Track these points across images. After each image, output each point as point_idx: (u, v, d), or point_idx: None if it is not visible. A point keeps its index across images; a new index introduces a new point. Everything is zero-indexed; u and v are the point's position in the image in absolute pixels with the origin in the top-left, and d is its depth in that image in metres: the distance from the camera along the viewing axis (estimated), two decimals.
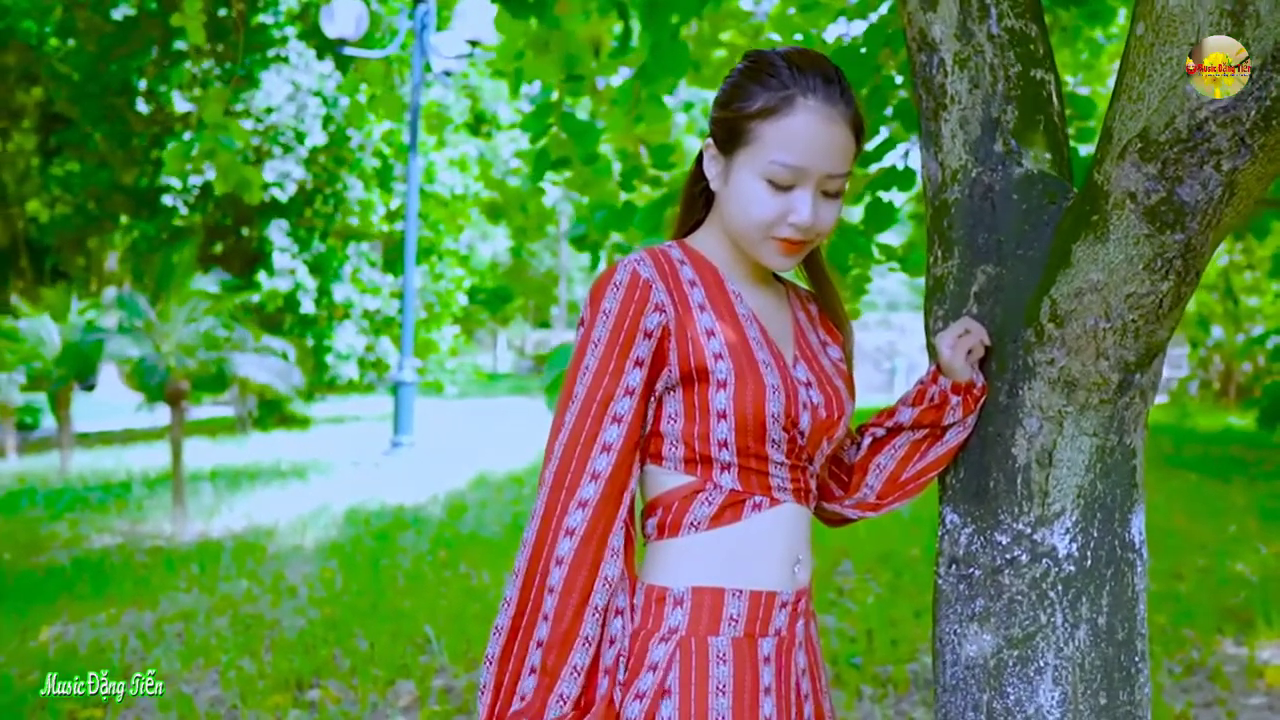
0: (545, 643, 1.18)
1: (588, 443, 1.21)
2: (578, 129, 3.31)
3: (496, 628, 1.22)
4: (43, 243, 17.61)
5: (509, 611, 1.21)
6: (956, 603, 1.39)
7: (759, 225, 1.24)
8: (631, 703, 1.20)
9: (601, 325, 1.22)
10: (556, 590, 1.18)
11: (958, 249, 1.48)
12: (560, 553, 1.19)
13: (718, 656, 1.21)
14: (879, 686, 3.68)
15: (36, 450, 12.54)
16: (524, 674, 1.19)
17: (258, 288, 13.16)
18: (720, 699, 1.20)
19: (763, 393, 1.21)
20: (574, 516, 1.19)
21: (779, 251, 1.26)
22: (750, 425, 1.21)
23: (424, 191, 14.44)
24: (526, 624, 1.20)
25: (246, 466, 10.06)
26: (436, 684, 3.80)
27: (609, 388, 1.21)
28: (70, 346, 9.41)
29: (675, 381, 1.23)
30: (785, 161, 1.21)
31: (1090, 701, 1.31)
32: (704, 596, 1.22)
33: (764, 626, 1.24)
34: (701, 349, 1.22)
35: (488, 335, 37.81)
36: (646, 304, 1.21)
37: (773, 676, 1.24)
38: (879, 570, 5.39)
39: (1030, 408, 1.34)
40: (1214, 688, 3.65)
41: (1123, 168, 1.24)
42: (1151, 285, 1.26)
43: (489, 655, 1.22)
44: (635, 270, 1.23)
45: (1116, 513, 1.35)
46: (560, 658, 1.17)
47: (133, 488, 8.79)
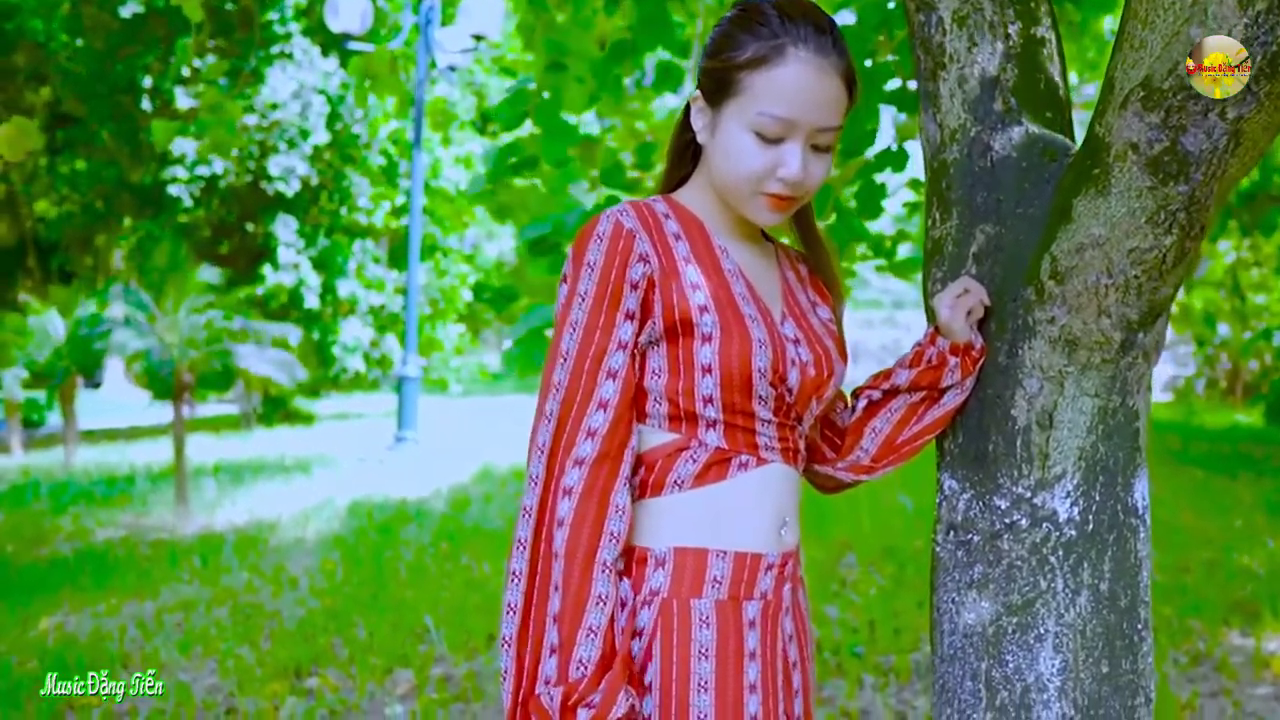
0: (559, 614, 1.12)
1: (583, 401, 1.16)
2: (555, 125, 3.07)
3: (509, 605, 1.16)
4: (50, 241, 17.64)
5: (519, 586, 1.15)
6: (954, 570, 1.35)
7: (747, 179, 1.20)
8: None
9: (587, 279, 1.18)
10: (561, 554, 1.13)
11: (956, 209, 1.45)
12: (560, 514, 1.14)
13: (700, 619, 1.17)
14: (881, 676, 3.65)
15: (42, 446, 12.56)
16: (544, 656, 1.13)
17: (262, 281, 13.18)
18: (703, 663, 1.16)
19: (749, 347, 1.18)
20: (571, 476, 1.15)
21: (767, 207, 1.22)
22: (736, 380, 1.17)
23: (429, 188, 14.44)
24: (539, 598, 1.14)
25: (250, 461, 10.05)
26: (435, 673, 3.78)
27: (601, 342, 1.17)
28: (75, 339, 9.42)
29: (659, 335, 1.19)
30: (774, 113, 1.17)
31: (1092, 670, 1.27)
32: (686, 557, 1.18)
33: (749, 589, 1.20)
34: (686, 301, 1.18)
35: (493, 335, 37.79)
36: (631, 254, 1.17)
37: (757, 641, 1.20)
38: (882, 563, 5.35)
39: (1030, 368, 1.31)
40: (1220, 678, 3.61)
41: (1125, 118, 1.21)
42: (1155, 239, 1.22)
43: (505, 637, 1.15)
44: (618, 221, 1.19)
45: (1119, 476, 1.31)
46: (574, 623, 1.11)
47: (136, 482, 8.78)
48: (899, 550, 5.57)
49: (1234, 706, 3.32)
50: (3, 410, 11.71)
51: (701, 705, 1.15)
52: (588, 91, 3.18)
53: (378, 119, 13.82)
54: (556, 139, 2.97)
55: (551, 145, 2.98)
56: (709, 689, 1.15)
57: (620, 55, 2.88)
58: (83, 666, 3.82)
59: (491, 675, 3.72)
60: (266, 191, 13.22)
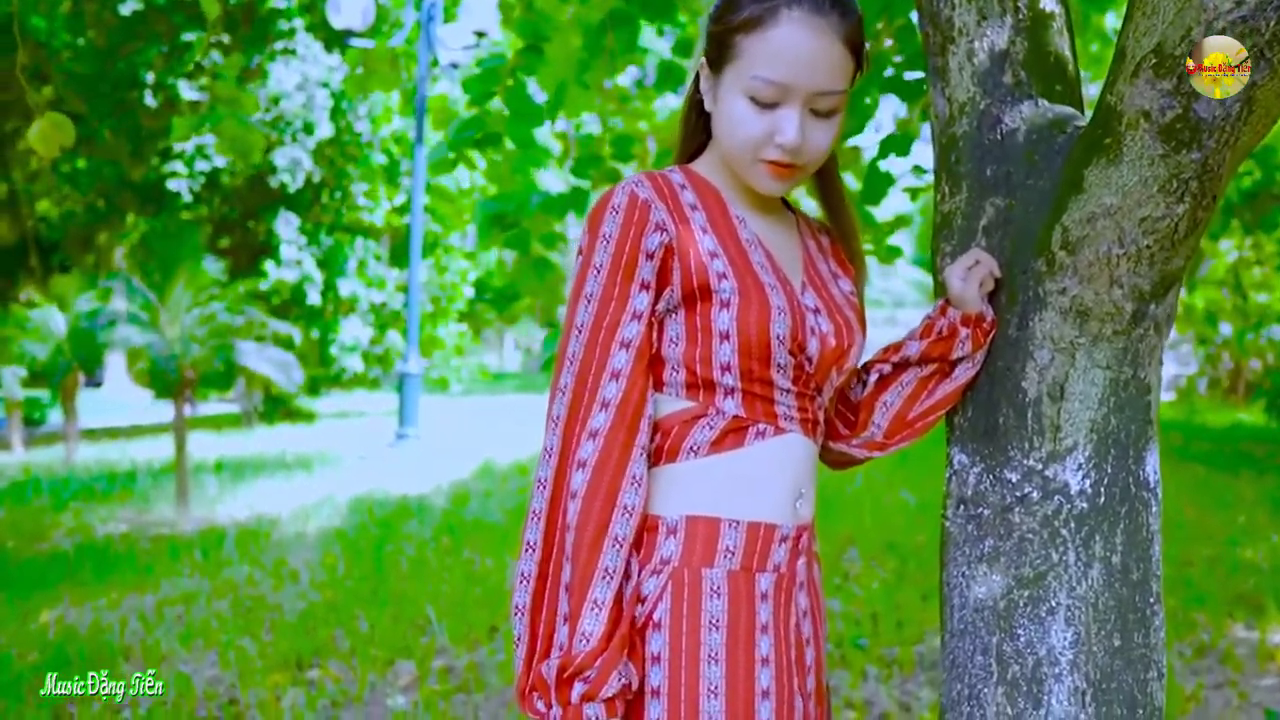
0: (569, 585, 1.12)
1: (597, 372, 1.15)
2: (522, 106, 3.03)
3: (522, 574, 1.16)
4: (52, 240, 17.62)
5: (534, 556, 1.15)
6: (965, 544, 1.34)
7: (745, 146, 1.18)
8: None
9: (602, 250, 1.16)
10: (573, 526, 1.12)
11: (965, 183, 1.43)
12: (574, 487, 1.13)
13: (712, 590, 1.15)
14: (884, 667, 3.63)
15: (43, 444, 12.55)
16: (558, 624, 1.12)
17: (265, 276, 13.17)
18: (714, 634, 1.14)
19: (767, 313, 1.16)
20: (585, 448, 1.14)
21: (768, 174, 1.20)
22: (754, 347, 1.15)
23: (430, 186, 14.43)
24: (554, 568, 1.14)
25: (251, 458, 10.04)
26: (436, 664, 3.76)
27: (615, 314, 1.15)
28: (75, 332, 9.40)
29: (677, 302, 1.17)
30: (766, 76, 1.15)
31: (1104, 643, 1.26)
32: (698, 526, 1.17)
33: (762, 561, 1.18)
34: (704, 267, 1.16)
35: (494, 335, 37.80)
36: (646, 224, 1.16)
37: (770, 614, 1.18)
38: (885, 557, 5.34)
39: (1041, 339, 1.30)
40: (1225, 670, 3.60)
41: (1137, 85, 1.20)
42: (1167, 208, 1.21)
43: (517, 605, 1.15)
44: (633, 191, 1.17)
45: (1131, 449, 1.30)
46: (580, 595, 1.11)
47: (137, 478, 8.77)
48: (901, 545, 5.56)
49: (1240, 698, 3.30)
50: (3, 408, 11.70)
51: (712, 677, 1.13)
52: (563, 74, 3.12)
53: (379, 116, 13.82)
54: (523, 120, 2.94)
55: (517, 125, 2.95)
56: (720, 660, 1.14)
57: (616, 23, 2.83)
58: (84, 657, 3.82)
59: (494, 666, 3.71)
60: (270, 185, 13.21)
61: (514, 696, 1.15)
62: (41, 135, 2.45)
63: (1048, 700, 1.25)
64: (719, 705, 1.12)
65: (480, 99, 3.03)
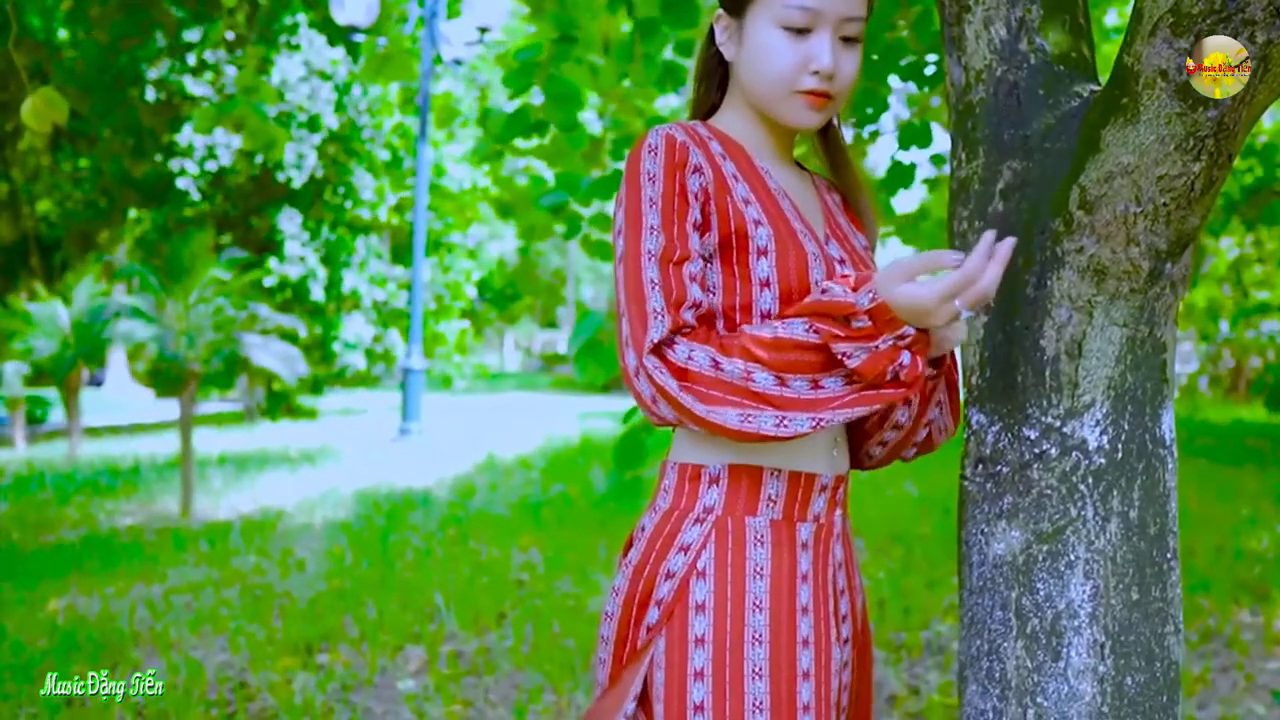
0: (769, 361, 1.11)
1: (676, 304, 1.12)
2: (561, 92, 3.13)
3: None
4: (53, 239, 17.63)
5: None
6: (983, 502, 1.36)
7: (781, 79, 1.20)
8: (662, 583, 1.17)
9: (651, 187, 1.16)
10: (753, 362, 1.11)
11: (982, 148, 1.45)
12: (695, 366, 1.12)
13: (755, 538, 1.17)
14: (893, 652, 3.65)
15: (45, 441, 12.56)
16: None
17: (268, 272, 13.18)
18: (758, 582, 1.15)
19: (805, 260, 1.18)
20: (679, 350, 1.10)
21: (805, 105, 1.21)
22: (795, 294, 1.16)
23: (433, 185, 14.45)
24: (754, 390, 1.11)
25: (254, 453, 10.06)
26: (445, 649, 3.78)
27: (681, 248, 1.14)
28: (79, 325, 9.40)
29: (713, 250, 1.17)
30: (801, 3, 1.18)
31: (1122, 596, 1.28)
32: (741, 475, 1.18)
33: (802, 510, 1.20)
34: (741, 214, 1.18)
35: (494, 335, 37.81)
36: (686, 164, 1.17)
37: (810, 564, 1.19)
38: (890, 547, 5.35)
39: (1059, 298, 1.31)
40: (1232, 653, 3.61)
41: (1154, 45, 1.21)
42: (1183, 166, 1.23)
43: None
44: (669, 134, 1.19)
45: (1147, 406, 1.31)
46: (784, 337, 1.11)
47: (141, 472, 8.79)
48: (906, 535, 5.57)
49: (1246, 680, 3.32)
50: (4, 406, 11.71)
51: (756, 624, 1.15)
52: (591, 68, 3.20)
53: (381, 107, 13.83)
54: (563, 105, 3.00)
55: (558, 110, 3.01)
56: (764, 609, 1.15)
57: (644, 33, 2.91)
58: (94, 642, 3.83)
59: (504, 651, 3.72)
60: (277, 179, 13.23)
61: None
62: (34, 111, 2.44)
63: (1067, 653, 1.27)
64: (763, 653, 1.14)
65: (521, 91, 3.10)
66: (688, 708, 1.14)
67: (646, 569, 1.18)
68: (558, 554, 5.25)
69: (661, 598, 1.16)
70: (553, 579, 4.75)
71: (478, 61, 15.23)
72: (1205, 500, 6.74)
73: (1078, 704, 1.26)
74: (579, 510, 6.57)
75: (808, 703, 1.15)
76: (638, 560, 1.20)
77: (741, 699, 1.13)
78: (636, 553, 1.21)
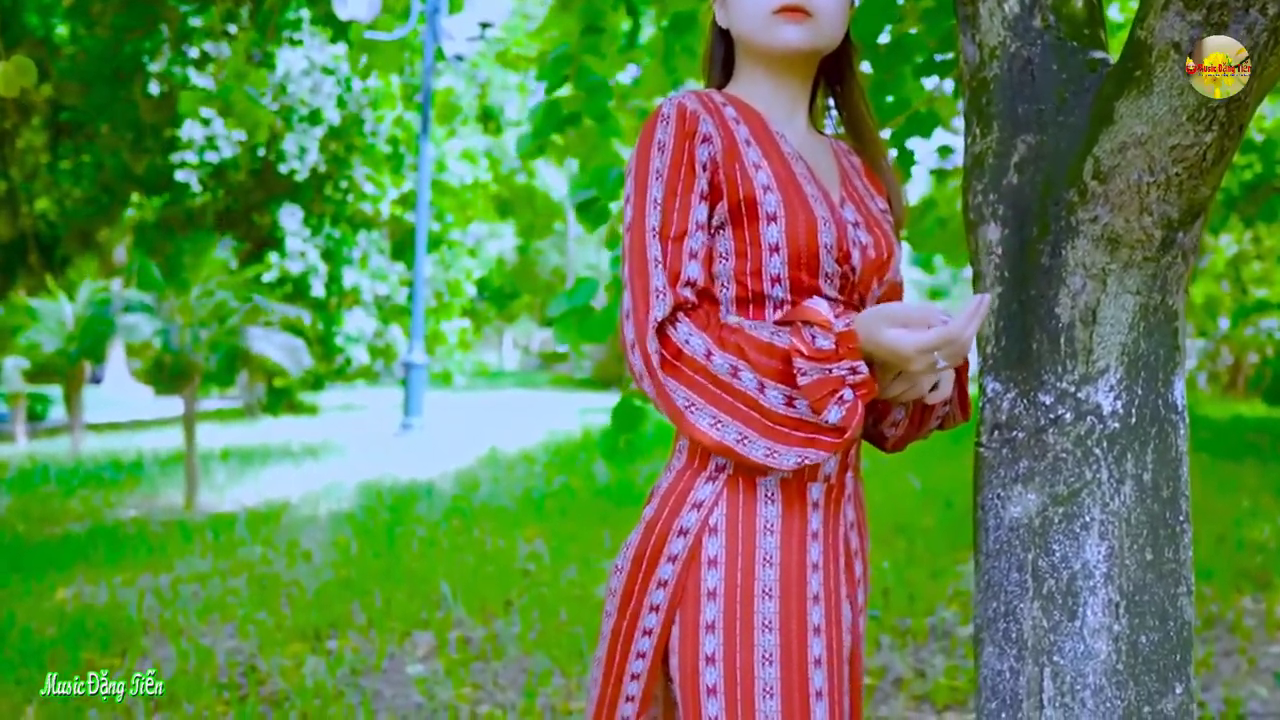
0: (754, 364, 1.16)
1: (674, 279, 1.16)
2: (592, 84, 3.20)
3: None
4: (52, 237, 17.63)
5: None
6: (999, 467, 1.38)
7: (760, 5, 1.24)
8: (675, 539, 1.20)
9: (659, 158, 1.20)
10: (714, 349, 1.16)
11: (997, 123, 1.48)
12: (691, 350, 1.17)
13: (766, 496, 1.20)
14: (898, 637, 3.68)
15: (46, 437, 12.58)
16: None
17: (269, 267, 13.20)
18: (768, 538, 1.18)
19: (814, 223, 1.21)
20: (680, 329, 1.16)
21: (785, 23, 1.24)
22: (804, 258, 1.20)
23: (434, 181, 14.47)
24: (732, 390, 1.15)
25: (257, 447, 10.08)
26: (453, 635, 3.81)
27: (680, 224, 1.18)
28: (83, 320, 9.41)
29: (724, 218, 1.21)
30: None
31: (1136, 557, 1.31)
32: None
33: (813, 470, 1.22)
34: (750, 180, 1.21)
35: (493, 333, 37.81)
36: (696, 134, 1.20)
37: (820, 523, 1.22)
38: (894, 538, 5.38)
39: (1074, 266, 1.34)
40: (1235, 638, 3.64)
41: (1166, 18, 1.24)
42: (1195, 136, 1.26)
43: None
44: (681, 103, 1.22)
45: (1160, 372, 1.34)
46: (767, 348, 1.15)
47: (144, 467, 8.81)
48: (909, 526, 5.60)
49: (1249, 663, 3.35)
50: (5, 401, 11.72)
51: (767, 579, 1.17)
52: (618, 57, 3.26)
53: (383, 100, 13.85)
54: (597, 95, 3.04)
55: (592, 102, 3.05)
56: (774, 563, 1.18)
57: (679, 30, 2.95)
58: (103, 628, 3.85)
59: (511, 637, 3.75)
60: (280, 172, 13.25)
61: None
62: (4, 76, 2.42)
63: (1082, 612, 1.30)
64: (773, 606, 1.17)
65: (556, 84, 3.14)
66: (700, 658, 1.17)
67: (659, 525, 1.21)
68: (562, 544, 5.28)
69: (675, 553, 1.19)
70: (559, 568, 4.78)
71: (478, 58, 15.25)
72: (1207, 493, 6.77)
73: (1093, 662, 1.29)
74: (583, 502, 6.60)
75: (819, 656, 1.18)
76: (650, 516, 1.24)
77: (751, 650, 1.16)
78: (651, 509, 1.25)
